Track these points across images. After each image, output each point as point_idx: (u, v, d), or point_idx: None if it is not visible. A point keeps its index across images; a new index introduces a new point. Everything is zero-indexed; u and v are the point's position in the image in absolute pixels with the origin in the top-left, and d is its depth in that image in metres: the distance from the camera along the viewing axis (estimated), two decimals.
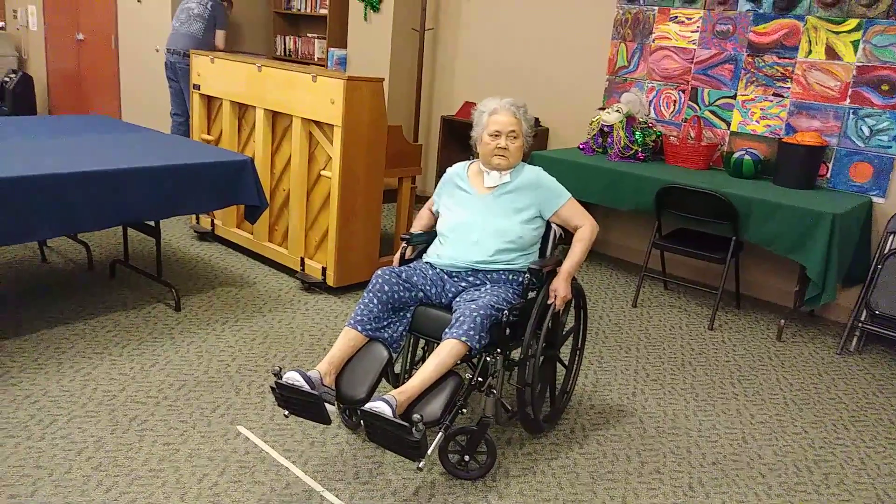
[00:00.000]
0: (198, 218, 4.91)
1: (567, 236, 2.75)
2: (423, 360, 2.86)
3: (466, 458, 2.45)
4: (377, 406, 2.15)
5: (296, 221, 4.16)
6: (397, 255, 2.77)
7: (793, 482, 2.64)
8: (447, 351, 2.31)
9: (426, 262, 2.68)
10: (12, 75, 8.19)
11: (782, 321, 4.03)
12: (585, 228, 2.66)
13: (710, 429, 2.96)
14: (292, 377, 2.25)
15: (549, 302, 2.55)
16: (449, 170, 2.82)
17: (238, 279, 4.17)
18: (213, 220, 4.79)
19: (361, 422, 2.19)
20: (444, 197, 2.77)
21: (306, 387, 2.23)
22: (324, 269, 4.03)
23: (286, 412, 2.31)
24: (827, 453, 2.85)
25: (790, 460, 2.78)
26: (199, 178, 3.40)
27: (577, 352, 2.99)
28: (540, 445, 2.71)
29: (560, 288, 2.55)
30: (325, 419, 2.25)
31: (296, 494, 2.31)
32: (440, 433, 2.29)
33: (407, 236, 2.76)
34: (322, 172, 3.95)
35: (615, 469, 2.61)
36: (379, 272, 2.53)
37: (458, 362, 2.35)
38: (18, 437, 2.47)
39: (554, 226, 2.74)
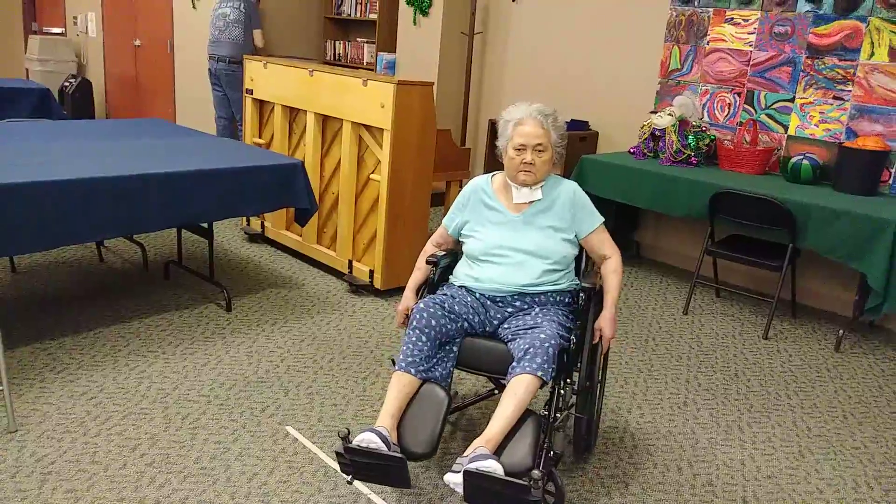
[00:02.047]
0: (248, 220, 4.98)
1: None
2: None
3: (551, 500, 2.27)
4: (486, 465, 1.95)
5: (344, 224, 4.19)
6: (411, 288, 2.56)
7: (852, 498, 2.54)
8: (524, 388, 2.14)
9: (461, 288, 2.47)
10: (72, 80, 8.46)
11: (841, 331, 3.90)
12: (616, 260, 2.48)
13: (765, 441, 2.88)
14: (368, 439, 2.04)
15: (594, 342, 2.39)
16: (468, 187, 2.58)
17: (287, 281, 4.22)
18: (262, 223, 4.86)
19: (453, 482, 1.99)
20: (468, 218, 2.55)
21: (385, 448, 2.03)
22: (371, 272, 4.05)
23: (350, 478, 2.09)
24: (888, 469, 2.75)
25: (849, 475, 2.69)
26: (252, 181, 3.45)
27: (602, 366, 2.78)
28: (588, 454, 2.67)
29: (606, 328, 2.38)
30: (405, 482, 2.05)
31: (343, 496, 2.32)
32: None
33: (434, 259, 2.57)
34: (371, 176, 3.98)
35: (666, 480, 2.56)
36: (421, 305, 2.33)
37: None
38: (75, 433, 2.54)
39: None
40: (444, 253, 2.64)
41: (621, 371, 3.40)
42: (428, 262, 2.58)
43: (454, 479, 2.00)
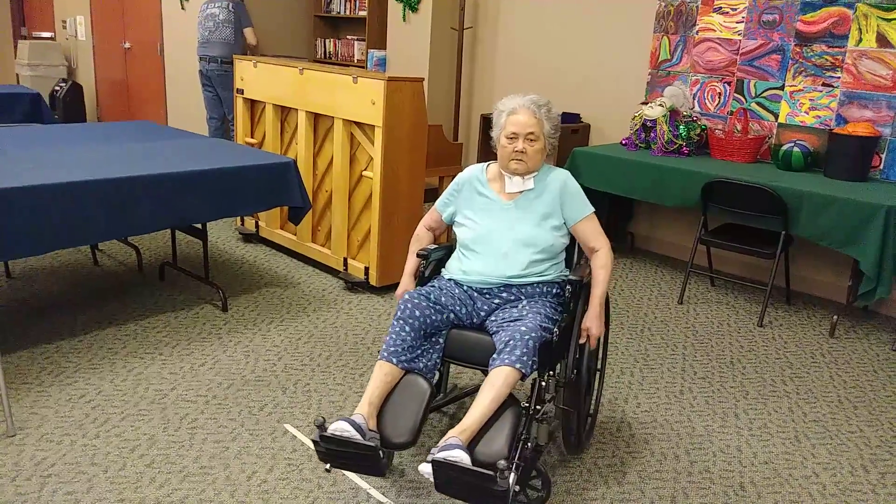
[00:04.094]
0: (242, 220, 4.98)
1: None
2: (444, 380, 2.78)
3: (517, 488, 2.17)
4: (453, 455, 1.94)
5: (338, 222, 4.20)
6: (409, 273, 2.57)
7: (848, 482, 2.57)
8: (502, 380, 2.14)
9: (449, 280, 2.48)
10: (62, 84, 8.43)
11: (835, 317, 3.92)
12: (605, 253, 2.43)
13: (762, 427, 2.89)
14: (341, 427, 2.03)
15: (581, 342, 2.35)
16: (463, 174, 2.58)
17: (283, 280, 4.22)
18: (257, 222, 4.86)
19: (426, 471, 1.99)
20: (461, 205, 2.55)
21: (358, 437, 2.03)
22: (366, 269, 4.06)
23: (328, 466, 2.10)
24: (883, 452, 2.77)
25: (845, 459, 2.71)
26: (244, 181, 3.45)
27: (602, 361, 2.78)
28: (579, 451, 2.69)
29: (593, 326, 2.35)
30: (380, 471, 2.06)
31: (343, 492, 2.33)
32: (511, 473, 1.98)
33: (425, 252, 2.57)
34: (364, 173, 3.98)
35: (663, 468, 2.57)
36: (406, 296, 2.34)
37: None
38: (74, 436, 2.54)
39: None
40: (435, 246, 2.64)
41: (617, 361, 3.41)
42: (419, 256, 2.58)
43: (427, 469, 2.00)
